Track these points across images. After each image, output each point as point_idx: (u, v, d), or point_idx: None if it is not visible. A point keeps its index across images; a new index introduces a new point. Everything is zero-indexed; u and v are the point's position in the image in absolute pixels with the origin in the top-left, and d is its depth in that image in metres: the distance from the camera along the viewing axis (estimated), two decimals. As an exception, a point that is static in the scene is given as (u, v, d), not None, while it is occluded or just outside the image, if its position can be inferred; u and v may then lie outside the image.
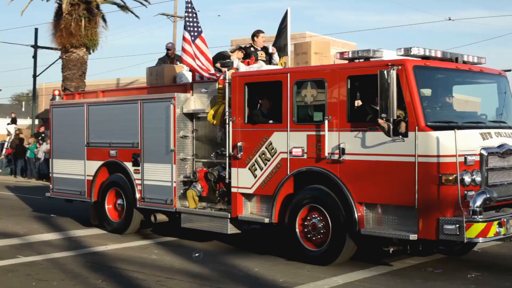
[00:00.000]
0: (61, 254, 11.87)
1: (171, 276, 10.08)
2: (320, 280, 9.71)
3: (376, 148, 9.88)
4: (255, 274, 10.23)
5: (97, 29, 29.64)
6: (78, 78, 29.28)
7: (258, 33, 13.58)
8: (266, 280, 9.85)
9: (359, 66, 10.18)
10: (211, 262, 11.01)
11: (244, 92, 11.57)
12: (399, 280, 9.78)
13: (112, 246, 12.72)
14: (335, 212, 10.34)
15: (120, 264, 10.97)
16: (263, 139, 11.28)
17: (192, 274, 10.24)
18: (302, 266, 10.62)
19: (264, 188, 11.30)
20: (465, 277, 9.94)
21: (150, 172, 13.32)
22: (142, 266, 10.83)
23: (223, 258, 11.41)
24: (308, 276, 9.95)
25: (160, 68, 13.92)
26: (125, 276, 10.13)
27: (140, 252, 12.18)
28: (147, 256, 11.74)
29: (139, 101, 13.50)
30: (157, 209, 13.30)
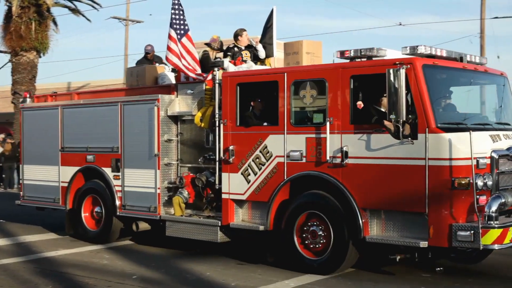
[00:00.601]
0: (10, 260, 11.52)
1: (122, 281, 9.92)
2: (271, 283, 9.62)
3: (382, 151, 9.39)
4: (207, 278, 10.10)
5: (48, 32, 29.23)
6: (28, 81, 28.80)
7: (241, 32, 12.98)
8: (217, 284, 9.75)
9: (364, 65, 9.68)
10: (163, 267, 10.93)
11: (236, 93, 10.98)
12: (350, 283, 9.62)
13: (62, 252, 12.42)
14: (337, 218, 9.82)
15: (71, 269, 10.76)
16: (257, 143, 10.71)
17: (143, 278, 10.13)
18: (254, 269, 10.53)
19: (258, 194, 10.71)
20: (416, 279, 9.80)
21: (132, 178, 12.61)
22: (93, 271, 10.67)
23: (175, 263, 11.28)
24: (259, 280, 9.87)
25: (141, 68, 13.23)
26: (76, 282, 9.92)
27: (91, 257, 11.97)
28: (98, 261, 11.56)
29: (119, 103, 12.78)
30: (140, 217, 12.59)
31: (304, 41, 12.07)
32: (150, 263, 11.30)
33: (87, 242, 13.24)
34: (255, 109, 11.13)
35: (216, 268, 10.73)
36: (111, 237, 13.11)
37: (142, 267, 10.94)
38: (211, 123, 11.49)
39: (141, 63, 14.67)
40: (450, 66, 9.75)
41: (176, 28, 11.88)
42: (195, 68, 12.04)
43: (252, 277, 10.07)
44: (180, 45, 11.88)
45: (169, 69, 13.29)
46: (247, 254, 11.48)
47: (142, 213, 12.42)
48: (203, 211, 11.89)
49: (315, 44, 12.23)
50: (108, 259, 11.74)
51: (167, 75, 13.01)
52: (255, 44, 12.96)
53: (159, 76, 13.05)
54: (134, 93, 12.86)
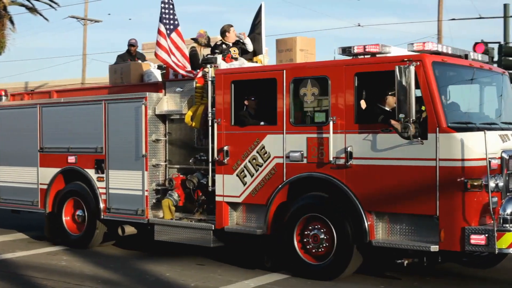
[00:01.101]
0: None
1: (81, 282, 9.79)
2: (231, 284, 9.58)
3: (389, 151, 9.02)
4: (167, 278, 10.01)
5: (5, 31, 28.31)
6: (-15, 80, 27.88)
7: (229, 28, 12.52)
8: (177, 284, 9.66)
9: (370, 62, 9.28)
10: (122, 268, 10.81)
11: (231, 91, 10.50)
12: (309, 282, 9.54)
13: (20, 253, 12.18)
14: (340, 222, 9.42)
15: (29, 271, 10.56)
16: (253, 143, 10.25)
17: (102, 280, 10.02)
18: (214, 270, 10.46)
19: (255, 196, 10.26)
20: (377, 279, 9.71)
21: (117, 179, 12.05)
22: (51, 273, 10.48)
23: (134, 264, 11.15)
24: (219, 280, 9.81)
25: (125, 65, 12.66)
26: (34, 284, 9.75)
27: (49, 259, 11.74)
28: (57, 263, 11.35)
29: (103, 101, 12.20)
30: (126, 221, 12.03)
31: (298, 38, 11.67)
32: (109, 264, 11.13)
33: (69, 246, 12.64)
34: (251, 107, 10.67)
35: (176, 268, 10.61)
36: (94, 241, 12.53)
37: (101, 269, 10.78)
38: (202, 122, 11.00)
39: (123, 57, 14.09)
40: (458, 63, 9.43)
41: (166, 23, 11.35)
42: (184, 65, 11.54)
43: (212, 278, 9.98)
44: (170, 40, 11.37)
45: (154, 66, 12.76)
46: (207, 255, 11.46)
47: (129, 217, 11.87)
48: (194, 214, 11.39)
49: (308, 41, 11.83)
50: (67, 261, 11.54)
51: (153, 72, 12.48)
52: (243, 38, 12.52)
53: (145, 74, 12.50)
54: (118, 91, 12.29)
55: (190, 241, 11.04)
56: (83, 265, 11.09)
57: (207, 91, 10.87)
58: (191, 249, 11.47)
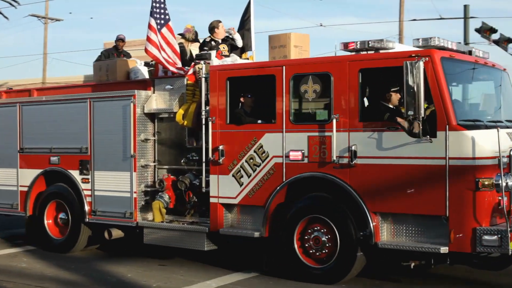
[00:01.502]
0: None
1: (41, 284, 9.65)
2: (193, 284, 9.51)
3: (396, 150, 8.72)
4: (128, 279, 9.92)
5: None
6: None
7: (217, 24, 12.14)
8: (139, 285, 9.58)
9: (375, 57, 8.97)
10: (84, 269, 10.68)
11: (226, 88, 10.11)
12: (271, 282, 9.53)
13: None
14: (344, 223, 9.09)
15: None
16: (251, 142, 9.87)
17: (63, 281, 9.91)
18: (176, 270, 10.41)
19: (252, 197, 9.88)
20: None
21: (103, 181, 11.55)
22: (11, 275, 10.30)
23: (96, 265, 11.04)
24: (181, 281, 9.76)
25: (112, 62, 12.17)
26: None
27: (8, 260, 11.55)
28: (16, 265, 11.17)
29: (89, 99, 11.69)
30: (113, 224, 11.54)
31: (292, 34, 11.33)
32: (70, 265, 10.92)
33: (51, 251, 12.09)
34: (248, 105, 10.29)
35: (138, 269, 10.52)
36: (79, 245, 12.00)
37: (62, 270, 10.61)
38: (195, 121, 10.60)
39: (107, 53, 13.57)
40: (464, 59, 9.19)
41: (157, 18, 10.92)
42: (175, 61, 11.13)
43: (174, 278, 9.91)
44: (160, 36, 10.94)
45: (141, 63, 12.30)
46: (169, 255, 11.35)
47: (116, 220, 11.38)
48: (185, 216, 10.96)
49: (303, 37, 11.50)
50: (27, 262, 11.34)
51: (140, 69, 12.01)
52: (232, 33, 12.16)
53: (132, 71, 12.03)
54: (104, 89, 11.80)
55: (182, 245, 10.61)
56: (43, 267, 10.87)
57: (200, 88, 10.47)
58: (153, 250, 11.37)
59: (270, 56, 11.47)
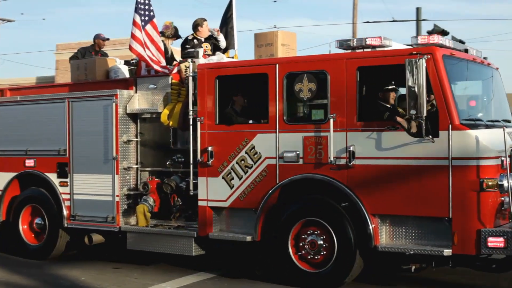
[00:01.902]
0: None
1: None
2: (148, 286, 9.46)
3: (396, 150, 8.48)
4: (82, 283, 9.79)
5: None
6: None
7: (202, 22, 11.84)
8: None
9: (374, 55, 8.71)
10: (36, 273, 10.47)
11: (215, 87, 9.76)
12: (226, 284, 9.55)
13: None
14: (341, 226, 8.81)
15: None
16: (242, 142, 9.53)
17: (15, 285, 9.74)
18: (130, 273, 10.32)
19: (243, 200, 9.54)
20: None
21: (83, 184, 11.08)
22: None
23: (48, 268, 10.82)
24: (136, 283, 9.75)
25: (90, 61, 11.68)
26: None
27: None
28: None
29: (67, 99, 11.21)
30: (94, 229, 11.07)
31: (279, 32, 11.00)
32: (22, 269, 10.70)
33: (27, 258, 11.57)
34: (238, 105, 9.95)
35: (91, 272, 10.41)
36: (56, 251, 11.50)
37: (13, 274, 10.40)
38: (181, 121, 10.22)
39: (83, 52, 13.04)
40: (464, 57, 9.00)
41: (141, 14, 10.50)
42: (159, 59, 10.72)
43: (128, 281, 9.86)
44: (144, 33, 10.52)
45: (120, 62, 11.85)
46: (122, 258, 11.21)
47: (97, 224, 10.93)
48: (170, 220, 10.57)
49: (290, 35, 11.18)
50: None
51: (120, 68, 11.56)
52: (216, 34, 11.84)
53: (111, 70, 11.57)
54: (83, 89, 11.31)
55: (168, 250, 10.21)
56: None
57: (187, 87, 10.08)
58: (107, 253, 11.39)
59: (256, 55, 11.12)
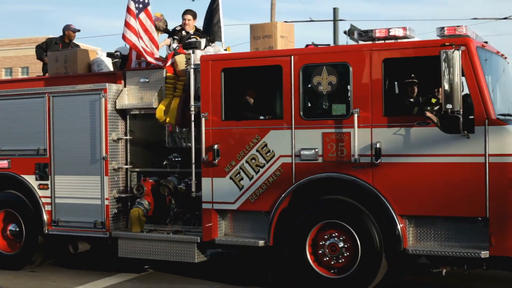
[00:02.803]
0: None
1: None
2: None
3: (426, 147, 8.00)
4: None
5: None
6: None
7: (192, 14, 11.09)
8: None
9: (402, 46, 8.21)
10: None
11: (221, 80, 9.06)
12: (145, 285, 9.39)
13: None
14: (366, 228, 8.27)
15: None
16: (252, 140, 8.87)
17: None
18: (47, 276, 10.02)
19: (255, 202, 8.87)
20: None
21: (66, 187, 10.18)
22: None
23: None
24: (53, 287, 9.52)
25: (71, 52, 10.73)
26: None
27: None
28: None
29: (47, 94, 10.27)
30: (80, 235, 10.17)
31: (278, 23, 10.34)
32: None
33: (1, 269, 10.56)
34: (246, 100, 9.28)
35: (7, 277, 10.01)
36: (34, 260, 10.53)
37: None
38: (179, 117, 9.48)
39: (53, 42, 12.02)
40: (492, 50, 8.62)
41: (136, 1, 9.67)
42: (153, 51, 9.91)
43: (45, 285, 9.62)
44: (138, 21, 9.70)
45: (101, 54, 10.97)
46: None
47: (84, 230, 10.04)
48: (166, 225, 9.79)
49: (288, 27, 10.53)
50: None
51: (104, 60, 10.68)
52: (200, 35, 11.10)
53: (94, 62, 10.67)
54: (64, 83, 10.38)
55: (167, 257, 9.44)
56: None
57: (188, 80, 9.34)
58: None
59: (252, 47, 10.40)
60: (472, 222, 7.87)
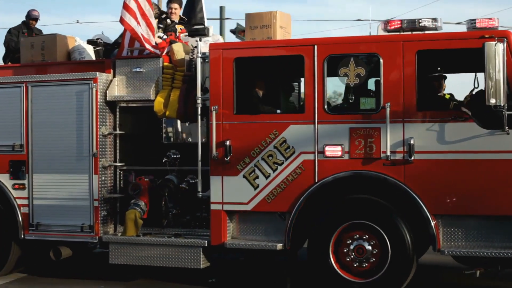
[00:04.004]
0: None
1: None
2: None
3: (464, 143, 7.63)
4: None
5: None
6: None
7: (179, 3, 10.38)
8: None
9: (438, 38, 7.82)
10: None
11: (233, 71, 8.38)
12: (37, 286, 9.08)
13: None
14: (397, 229, 7.82)
15: None
16: (269, 135, 8.23)
17: None
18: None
19: (272, 202, 8.24)
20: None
21: (47, 187, 9.19)
22: None
23: None
24: None
25: (49, 38, 9.66)
26: None
27: None
28: None
29: (25, 83, 9.24)
30: (63, 240, 9.18)
31: (278, 12, 9.73)
32: None
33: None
34: (262, 92, 8.64)
35: None
36: (6, 269, 9.44)
37: None
38: (181, 110, 8.72)
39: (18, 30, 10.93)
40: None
41: (135, -20, 8.81)
42: (149, 38, 9.07)
43: None
44: (136, 4, 8.84)
45: (80, 42, 10.00)
46: None
47: (69, 235, 9.07)
48: (163, 228, 8.98)
49: (286, 17, 9.90)
50: None
51: (85, 48, 9.71)
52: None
53: (75, 50, 9.68)
54: (42, 71, 9.38)
55: (168, 263, 8.65)
56: None
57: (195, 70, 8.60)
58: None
59: (248, 38, 9.78)
60: (505, 220, 7.59)
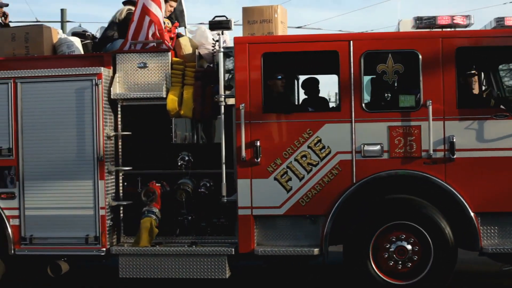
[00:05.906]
0: None
1: None
2: None
3: (505, 140, 7.65)
4: None
5: None
6: None
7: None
8: None
9: (478, 35, 7.77)
10: None
11: (261, 66, 7.89)
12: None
13: None
14: (440, 229, 7.66)
15: None
16: (302, 135, 7.82)
17: None
18: None
19: (306, 205, 7.83)
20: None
21: (42, 195, 8.23)
22: None
23: None
24: None
25: (34, 29, 8.62)
26: None
27: None
28: None
29: (13, 79, 8.21)
30: (63, 254, 8.23)
31: (279, 7, 9.34)
32: None
33: None
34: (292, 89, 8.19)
35: None
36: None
37: None
38: (199, 109, 8.12)
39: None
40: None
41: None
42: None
43: None
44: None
45: (63, 35, 9.05)
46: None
47: (70, 248, 8.14)
48: (176, 236, 8.31)
49: (285, 12, 9.58)
50: None
51: (73, 41, 8.79)
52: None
53: (62, 43, 8.72)
54: (30, 66, 8.35)
55: (188, 274, 8.00)
56: None
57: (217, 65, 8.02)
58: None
59: (246, 33, 9.29)
60: (543, 217, 7.70)
